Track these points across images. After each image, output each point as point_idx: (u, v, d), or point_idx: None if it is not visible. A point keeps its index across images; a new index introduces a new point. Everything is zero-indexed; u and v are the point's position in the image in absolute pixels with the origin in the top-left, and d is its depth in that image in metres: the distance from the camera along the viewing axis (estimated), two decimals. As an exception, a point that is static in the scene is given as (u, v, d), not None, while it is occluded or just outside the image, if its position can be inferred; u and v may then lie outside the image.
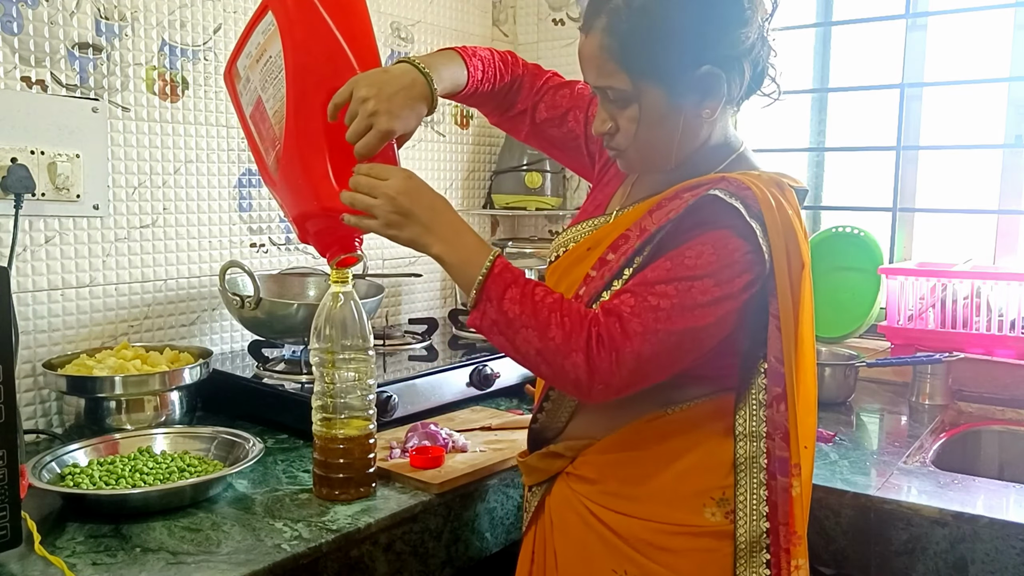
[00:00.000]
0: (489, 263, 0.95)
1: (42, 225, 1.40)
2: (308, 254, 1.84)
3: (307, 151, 1.01)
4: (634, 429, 1.02)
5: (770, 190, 0.94)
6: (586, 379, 0.91)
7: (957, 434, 1.58)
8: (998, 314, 1.68)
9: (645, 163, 1.03)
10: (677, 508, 0.98)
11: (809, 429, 0.98)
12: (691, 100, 0.96)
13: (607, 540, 1.00)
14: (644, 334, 0.91)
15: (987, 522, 1.11)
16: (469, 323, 0.99)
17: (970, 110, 1.94)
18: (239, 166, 1.69)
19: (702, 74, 0.93)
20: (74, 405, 1.35)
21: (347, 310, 1.11)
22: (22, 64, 1.36)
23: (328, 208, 1.00)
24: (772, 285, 0.94)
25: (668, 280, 0.92)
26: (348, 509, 1.09)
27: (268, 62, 1.04)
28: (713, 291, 0.92)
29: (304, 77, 1.01)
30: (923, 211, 2.00)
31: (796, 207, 0.98)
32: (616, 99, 0.97)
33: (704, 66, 0.93)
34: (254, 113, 1.10)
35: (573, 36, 2.23)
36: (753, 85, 1.01)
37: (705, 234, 0.93)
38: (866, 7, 2.03)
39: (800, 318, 0.96)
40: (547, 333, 0.92)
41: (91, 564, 0.93)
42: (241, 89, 1.12)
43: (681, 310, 0.91)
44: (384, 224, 0.97)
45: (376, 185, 0.97)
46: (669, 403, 1.01)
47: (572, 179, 2.28)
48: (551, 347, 0.91)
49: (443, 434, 1.30)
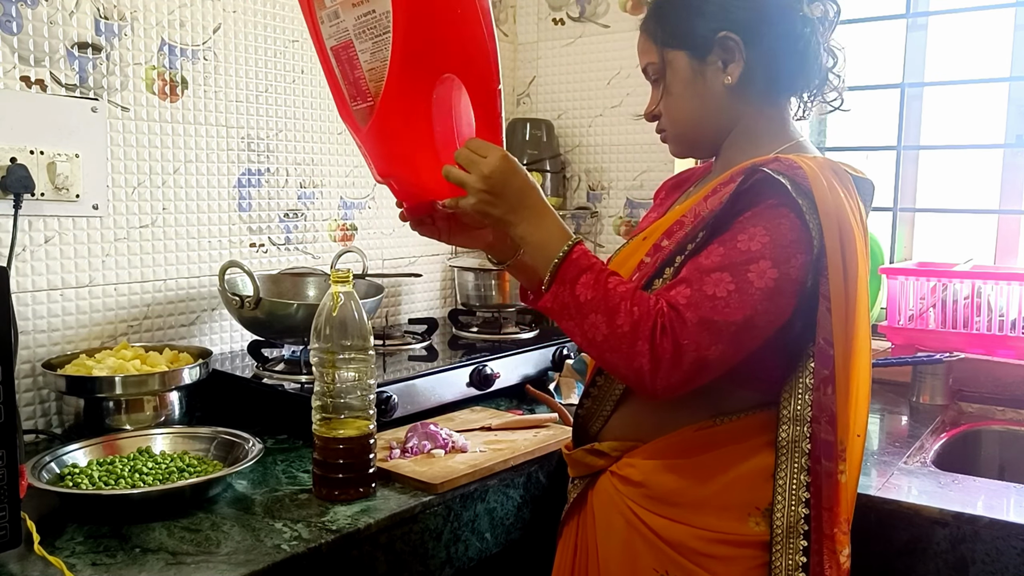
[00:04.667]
0: (568, 247, 0.96)
1: (41, 225, 1.40)
2: (308, 254, 1.84)
3: (408, 128, 0.99)
4: (683, 437, 1.01)
5: (823, 172, 0.93)
6: (649, 369, 0.90)
7: (957, 434, 1.58)
8: (998, 314, 1.68)
9: (684, 140, 1.08)
10: (722, 518, 0.98)
11: (862, 416, 0.97)
12: (712, 66, 1.01)
13: (650, 542, 1.01)
14: (702, 325, 0.89)
15: (987, 522, 1.10)
16: (539, 305, 0.99)
17: (971, 110, 1.94)
18: (239, 166, 1.69)
19: (720, 39, 1.00)
20: (73, 405, 1.35)
21: (347, 310, 1.11)
22: (21, 64, 1.36)
23: (427, 187, 1.02)
24: (824, 264, 0.92)
25: (723, 267, 0.91)
26: (348, 509, 1.09)
27: (370, 15, 0.99)
28: (770, 273, 0.90)
29: (414, 60, 0.97)
30: (924, 211, 2.00)
31: (854, 194, 0.98)
32: (655, 76, 1.06)
33: (722, 32, 0.99)
34: (338, 50, 1.04)
35: (573, 36, 2.23)
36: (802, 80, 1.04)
37: (757, 215, 0.92)
38: (866, 7, 2.03)
39: (857, 303, 0.94)
40: (615, 320, 0.91)
41: (90, 564, 0.93)
42: (323, 17, 1.04)
43: (740, 297, 0.89)
44: (476, 202, 0.97)
45: (475, 161, 0.96)
46: (719, 413, 1.00)
47: (572, 179, 2.28)
48: (618, 334, 0.90)
49: (443, 434, 1.30)
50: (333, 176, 1.88)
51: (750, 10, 1.00)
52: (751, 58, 1.00)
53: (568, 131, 2.27)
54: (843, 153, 2.13)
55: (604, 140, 2.21)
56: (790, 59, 1.01)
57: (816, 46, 1.02)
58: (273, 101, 1.74)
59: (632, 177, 2.18)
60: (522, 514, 1.29)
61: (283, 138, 1.77)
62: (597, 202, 2.25)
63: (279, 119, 1.76)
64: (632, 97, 2.13)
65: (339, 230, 1.90)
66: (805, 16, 1.00)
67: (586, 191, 2.26)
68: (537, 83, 2.31)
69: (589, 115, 2.23)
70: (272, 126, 1.75)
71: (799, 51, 1.01)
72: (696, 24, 1.01)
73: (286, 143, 1.78)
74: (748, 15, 1.00)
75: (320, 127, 1.84)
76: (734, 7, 1.00)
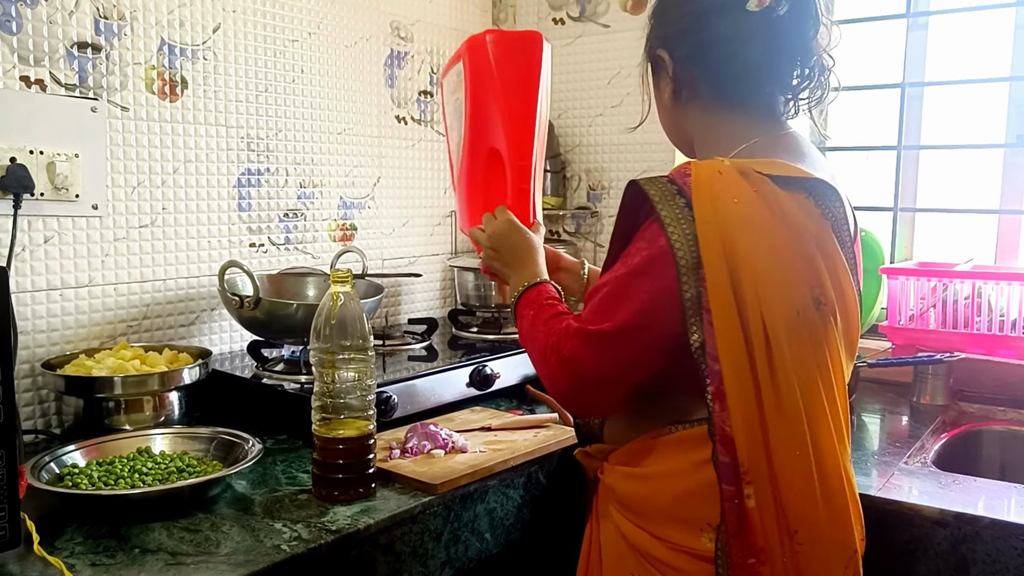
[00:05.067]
0: (524, 288, 1.11)
1: (41, 225, 1.40)
2: (308, 254, 1.83)
3: (464, 190, 1.33)
4: (642, 444, 1.01)
5: (724, 176, 0.90)
6: (550, 384, 0.98)
7: (958, 434, 1.58)
8: (999, 314, 1.68)
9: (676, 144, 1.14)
10: (680, 531, 0.95)
11: (796, 434, 0.88)
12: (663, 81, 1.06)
13: (629, 545, 1.01)
14: (579, 336, 0.93)
15: (988, 523, 1.10)
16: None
17: (971, 110, 1.93)
18: (238, 166, 1.69)
19: (655, 56, 1.05)
20: (73, 405, 1.35)
21: (347, 310, 1.11)
22: (21, 64, 1.36)
23: (466, 233, 1.33)
24: (702, 275, 0.87)
25: (610, 281, 0.93)
26: (348, 510, 1.09)
27: (457, 101, 1.30)
28: (644, 285, 0.90)
29: (473, 143, 1.28)
30: (924, 211, 2.00)
31: (771, 194, 0.91)
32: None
33: (655, 49, 1.05)
34: (450, 124, 1.37)
35: (573, 35, 2.23)
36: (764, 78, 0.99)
37: (643, 228, 0.93)
38: (867, 6, 2.02)
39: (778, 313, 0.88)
40: (534, 345, 1.02)
41: (90, 565, 0.93)
42: (445, 99, 1.38)
43: (612, 308, 0.90)
44: (484, 256, 1.23)
45: (488, 222, 1.23)
46: (678, 421, 0.98)
47: (572, 179, 2.28)
48: (537, 357, 1.01)
49: (443, 434, 1.30)
50: (333, 176, 1.88)
51: (672, 25, 1.02)
52: (684, 70, 1.02)
53: (568, 131, 2.27)
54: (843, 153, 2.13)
55: (604, 140, 2.21)
56: (731, 63, 0.98)
57: (772, 42, 0.97)
58: (273, 101, 1.74)
59: (632, 177, 2.18)
60: (522, 515, 1.28)
61: (283, 138, 1.77)
62: (597, 202, 2.25)
63: (279, 119, 1.76)
64: (632, 97, 2.12)
65: (339, 230, 1.90)
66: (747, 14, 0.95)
67: (586, 191, 2.26)
68: (537, 83, 2.31)
69: (589, 115, 2.23)
70: (272, 126, 1.75)
71: (742, 53, 0.97)
72: (647, 44, 1.07)
73: (286, 143, 1.78)
74: (671, 30, 1.03)
75: (320, 127, 1.84)
76: (662, 23, 1.05)
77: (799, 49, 0.99)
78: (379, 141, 1.98)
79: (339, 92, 1.87)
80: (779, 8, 0.95)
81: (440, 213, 2.16)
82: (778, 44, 0.97)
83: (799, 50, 0.99)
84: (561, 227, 2.32)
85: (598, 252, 2.25)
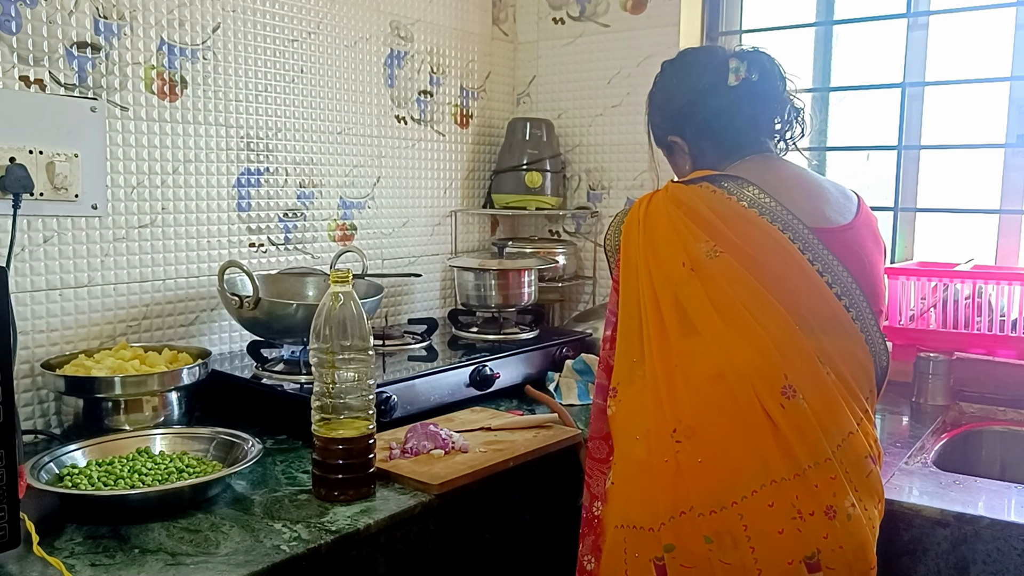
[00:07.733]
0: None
1: (40, 225, 1.40)
2: (308, 254, 1.83)
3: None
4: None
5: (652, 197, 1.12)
6: None
7: (958, 434, 1.58)
8: (1000, 314, 1.68)
9: None
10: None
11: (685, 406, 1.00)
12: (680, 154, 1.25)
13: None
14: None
15: (988, 523, 1.10)
16: None
17: (972, 109, 1.93)
18: (238, 166, 1.69)
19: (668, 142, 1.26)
20: (72, 405, 1.35)
21: (347, 310, 1.11)
22: (20, 63, 1.36)
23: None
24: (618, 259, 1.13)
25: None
26: (347, 510, 1.09)
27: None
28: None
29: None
30: (924, 211, 2.00)
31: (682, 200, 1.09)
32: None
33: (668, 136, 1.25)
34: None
35: (573, 35, 2.22)
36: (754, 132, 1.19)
37: None
38: (867, 6, 2.02)
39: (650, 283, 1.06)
40: None
41: (89, 565, 0.93)
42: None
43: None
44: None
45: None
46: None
47: (572, 179, 2.28)
48: None
49: (443, 434, 1.29)
50: (332, 176, 1.88)
51: (675, 114, 1.22)
52: (696, 145, 1.21)
53: (568, 131, 2.27)
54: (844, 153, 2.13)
55: (604, 140, 2.21)
56: (730, 128, 1.18)
57: (754, 103, 1.17)
58: (273, 101, 1.74)
59: (632, 177, 2.18)
60: (522, 515, 1.28)
61: (282, 138, 1.77)
62: (597, 202, 2.25)
63: (279, 119, 1.76)
64: (632, 96, 2.12)
65: (338, 230, 1.90)
66: (730, 88, 1.16)
67: (586, 191, 2.26)
68: (537, 82, 2.31)
69: (589, 115, 2.22)
70: (272, 126, 1.74)
71: (736, 118, 1.17)
72: (654, 132, 1.28)
73: (285, 143, 1.77)
74: (675, 119, 1.23)
75: (320, 127, 1.84)
76: (664, 115, 1.24)
77: (776, 102, 1.19)
78: (379, 141, 1.98)
79: (339, 92, 1.87)
80: (752, 76, 1.16)
81: (440, 213, 2.16)
82: (760, 103, 1.18)
83: (776, 103, 1.20)
84: (561, 227, 2.32)
85: (598, 252, 2.26)
